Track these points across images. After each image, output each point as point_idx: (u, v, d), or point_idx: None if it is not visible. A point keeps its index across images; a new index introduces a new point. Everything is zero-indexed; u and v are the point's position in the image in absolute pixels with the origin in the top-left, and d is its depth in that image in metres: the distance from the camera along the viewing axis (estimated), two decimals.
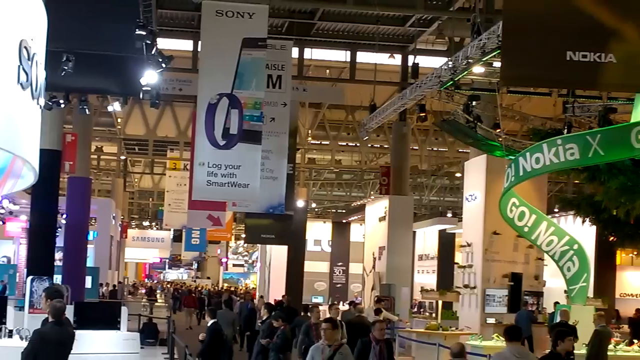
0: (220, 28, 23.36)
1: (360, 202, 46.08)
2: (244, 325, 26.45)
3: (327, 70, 36.85)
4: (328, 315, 17.94)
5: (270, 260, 48.64)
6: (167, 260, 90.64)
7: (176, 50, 31.52)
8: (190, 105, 33.53)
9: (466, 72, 21.50)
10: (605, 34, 11.33)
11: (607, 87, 18.89)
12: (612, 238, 29.37)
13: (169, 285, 74.17)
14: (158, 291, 66.43)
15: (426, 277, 40.93)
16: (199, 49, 25.06)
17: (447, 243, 39.63)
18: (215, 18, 23.55)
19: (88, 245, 37.40)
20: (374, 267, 37.28)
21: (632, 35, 11.47)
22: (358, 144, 47.95)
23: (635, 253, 32.30)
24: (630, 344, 21.87)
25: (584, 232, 28.97)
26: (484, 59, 20.04)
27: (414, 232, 39.66)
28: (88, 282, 34.25)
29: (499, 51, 15.91)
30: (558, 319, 20.46)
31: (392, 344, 13.95)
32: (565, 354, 10.91)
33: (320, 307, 22.33)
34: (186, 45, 32.16)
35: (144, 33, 19.50)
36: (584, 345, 19.09)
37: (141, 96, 22.95)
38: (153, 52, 20.80)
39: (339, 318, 17.45)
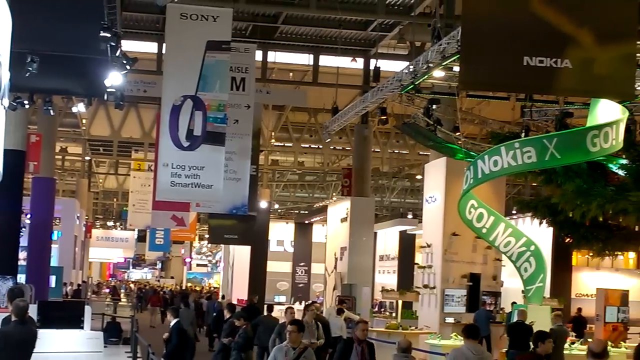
0: (184, 31, 23.25)
1: (322, 203, 46.20)
2: (213, 326, 26.44)
3: (291, 73, 36.86)
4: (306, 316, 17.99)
5: (234, 260, 48.67)
6: (131, 260, 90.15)
7: (141, 53, 31.36)
8: (155, 106, 33.42)
9: (426, 76, 21.57)
10: (562, 40, 11.40)
11: (563, 92, 19.05)
12: (568, 239, 29.54)
13: (132, 285, 73.79)
14: (122, 290, 66.01)
15: (387, 277, 40.97)
16: (164, 52, 24.93)
17: (407, 244, 39.73)
18: (179, 21, 23.43)
19: (52, 245, 37.14)
20: (335, 267, 37.30)
21: (588, 42, 11.55)
22: (320, 146, 48.00)
23: (591, 254, 32.51)
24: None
25: (541, 234, 29.15)
26: (443, 64, 20.11)
27: (375, 233, 39.74)
28: (52, 281, 34.03)
29: (458, 56, 15.96)
30: (515, 319, 20.56)
31: (373, 344, 13.24)
32: (545, 356, 10.95)
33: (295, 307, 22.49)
34: (151, 47, 32.02)
35: (109, 35, 19.35)
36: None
37: (105, 97, 22.77)
38: (117, 54, 20.66)
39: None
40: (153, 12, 28.26)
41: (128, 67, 21.95)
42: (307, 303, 24.29)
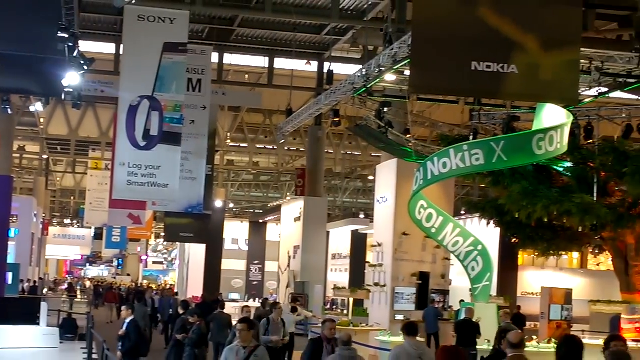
0: (142, 32, 23.13)
1: (276, 203, 46.29)
2: (169, 324, 26.37)
3: (246, 75, 36.79)
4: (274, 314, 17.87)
5: (189, 258, 48.51)
6: (88, 258, 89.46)
7: (98, 53, 31.14)
8: (112, 106, 33.09)
9: (378, 79, 21.63)
10: (508, 46, 11.49)
11: (509, 97, 19.18)
12: (514, 239, 29.79)
13: (88, 282, 73.26)
14: (78, 287, 65.47)
15: (339, 275, 41.01)
16: (121, 53, 24.76)
17: (359, 243, 39.79)
18: (137, 23, 23.31)
19: (9, 242, 36.71)
20: (289, 265, 37.36)
21: (533, 48, 11.66)
22: (275, 147, 47.95)
23: (536, 254, 32.80)
24: None
25: (488, 234, 29.30)
26: (395, 68, 20.17)
27: (328, 232, 39.79)
28: (9, 278, 33.61)
29: (409, 60, 16.00)
30: (463, 316, 20.70)
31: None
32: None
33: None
34: (109, 48, 31.81)
35: (66, 35, 19.24)
36: (487, 341, 19.34)
37: (63, 97, 22.67)
38: (75, 55, 20.52)
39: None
40: (111, 14, 28.11)
41: (86, 67, 21.87)
42: (273, 302, 24.16)
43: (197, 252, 44.42)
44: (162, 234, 63.01)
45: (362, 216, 42.25)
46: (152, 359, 19.77)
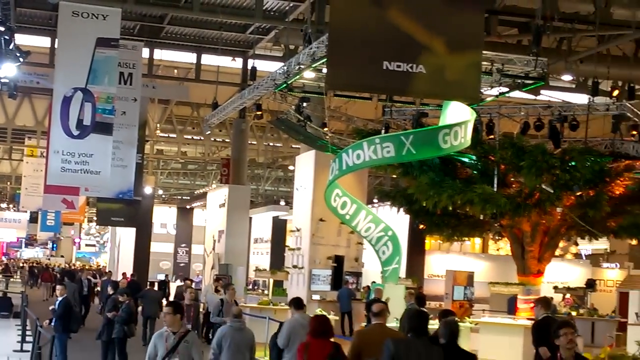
0: (75, 27, 22.96)
1: (202, 190, 45.98)
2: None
3: (175, 70, 36.46)
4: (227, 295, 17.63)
5: (120, 241, 48.08)
6: (23, 240, 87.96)
7: (34, 47, 30.51)
8: (47, 97, 32.45)
9: (298, 76, 21.62)
10: (417, 48, 11.53)
11: (417, 94, 19.31)
12: (422, 226, 30.08)
13: (23, 263, 72.03)
14: (14, 268, 64.34)
15: (260, 258, 40.97)
16: (56, 46, 24.33)
17: (279, 228, 39.82)
18: (71, 18, 23.11)
19: None
20: (214, 248, 37.19)
21: (440, 50, 11.72)
22: (202, 138, 47.71)
23: (441, 240, 33.18)
24: None
25: (398, 221, 29.54)
26: (313, 66, 20.19)
27: (251, 218, 39.68)
28: None
29: (326, 59, 16.00)
30: (372, 296, 20.82)
31: None
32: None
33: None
34: (44, 42, 31.12)
35: (2, 29, 18.92)
36: (395, 319, 19.45)
37: None
38: (11, 47, 20.23)
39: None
40: (46, 9, 27.48)
41: (21, 59, 21.59)
42: (226, 283, 23.81)
43: (127, 235, 44.05)
44: (95, 218, 62.10)
45: (282, 203, 42.34)
46: (88, 335, 19.58)
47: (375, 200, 34.57)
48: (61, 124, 22.33)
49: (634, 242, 30.55)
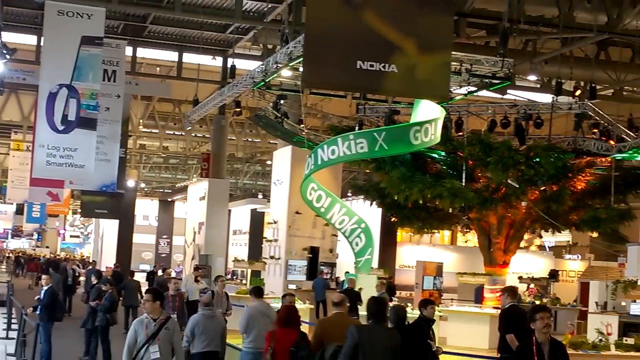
0: (61, 26, 22.93)
1: (183, 183, 45.89)
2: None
3: (157, 68, 36.26)
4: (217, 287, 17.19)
5: (103, 232, 47.98)
6: (9, 231, 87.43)
7: (21, 44, 30.29)
8: (34, 93, 32.15)
9: (275, 75, 21.59)
10: (389, 48, 11.55)
11: (390, 93, 19.40)
12: (393, 219, 30.17)
13: (9, 254, 71.53)
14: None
15: (239, 249, 40.98)
16: (42, 44, 24.19)
17: (257, 220, 39.87)
18: (56, 17, 23.05)
19: None
20: (194, 239, 37.10)
21: (411, 51, 11.75)
22: (183, 133, 47.59)
23: (412, 232, 33.29)
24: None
25: (371, 214, 29.62)
26: (290, 65, 20.16)
27: (230, 211, 39.65)
28: None
29: (302, 58, 15.99)
30: (346, 286, 20.85)
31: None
32: (430, 319, 11.11)
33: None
34: (30, 39, 30.85)
35: None
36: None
37: None
38: None
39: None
40: (32, 8, 27.27)
41: (8, 56, 21.44)
42: (217, 275, 23.55)
43: (110, 227, 43.98)
44: (79, 210, 61.67)
45: (260, 196, 42.35)
46: (73, 323, 19.50)
47: (349, 194, 34.63)
48: (47, 119, 22.34)
49: (595, 234, 30.79)
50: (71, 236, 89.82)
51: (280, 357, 9.31)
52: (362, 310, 19.71)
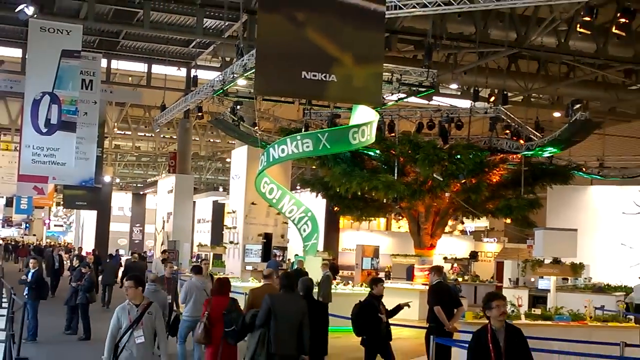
0: (43, 41, 22.74)
1: (154, 178, 45.53)
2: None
3: (129, 78, 35.82)
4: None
5: (83, 222, 47.48)
6: (0, 221, 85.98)
7: (7, 56, 29.78)
8: (20, 100, 31.61)
9: (232, 83, 21.49)
10: (329, 60, 11.49)
11: (331, 99, 19.37)
12: (336, 208, 30.24)
13: (2, 241, 70.26)
14: None
15: (203, 235, 40.59)
16: (27, 56, 23.82)
17: (218, 210, 39.52)
18: (39, 33, 22.84)
19: None
20: (163, 227, 36.82)
21: (348, 63, 11.70)
22: (153, 135, 47.27)
23: (352, 219, 33.44)
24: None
25: (316, 204, 29.62)
26: (245, 75, 20.08)
27: (194, 202, 39.36)
28: None
29: (254, 69, 15.92)
30: (296, 267, 20.81)
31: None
32: (379, 296, 11.11)
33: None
34: (16, 52, 30.25)
35: None
36: (316, 284, 19.46)
37: None
38: None
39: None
40: (18, 24, 26.63)
41: None
42: (201, 259, 23.14)
43: (89, 217, 43.62)
44: (62, 202, 60.81)
45: (221, 190, 42.11)
46: (58, 302, 19.21)
47: (297, 187, 34.58)
48: (31, 123, 22.32)
49: (508, 220, 31.18)
50: (55, 225, 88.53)
51: (215, 320, 9.60)
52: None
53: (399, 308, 11.09)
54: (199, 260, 32.14)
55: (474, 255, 32.77)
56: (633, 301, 20.11)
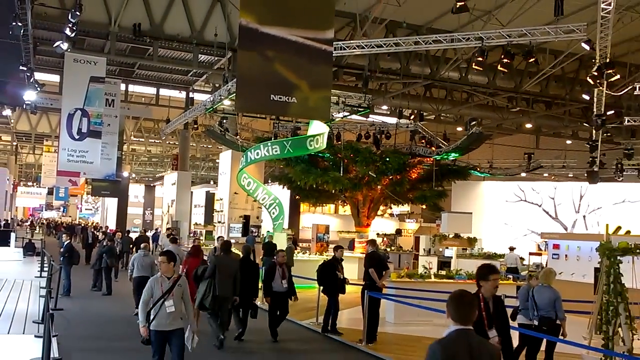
0: (76, 69, 22.79)
1: (161, 174, 44.89)
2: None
3: (143, 98, 35.32)
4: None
5: (107, 206, 46.68)
6: (43, 206, 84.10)
7: (48, 81, 29.04)
8: (58, 114, 30.99)
9: (220, 103, 21.36)
10: (291, 86, 11.49)
11: (293, 116, 19.41)
12: (297, 197, 30.21)
13: (44, 221, 68.80)
14: (36, 224, 61.39)
15: (198, 217, 39.99)
16: (63, 81, 23.40)
17: (210, 198, 39.09)
18: (72, 63, 22.74)
19: None
20: (168, 211, 36.40)
21: (305, 88, 11.70)
22: (160, 141, 46.58)
23: (310, 205, 33.45)
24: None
25: (283, 194, 29.52)
26: (229, 97, 19.97)
27: (192, 192, 38.93)
28: None
29: (235, 93, 15.85)
30: (266, 240, 20.75)
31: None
32: (340, 259, 11.41)
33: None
34: (55, 78, 29.56)
35: (25, 69, 18.06)
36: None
37: (24, 107, 21.49)
38: (31, 80, 19.32)
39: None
40: (56, 56, 26.06)
41: (39, 88, 20.91)
42: (196, 237, 22.62)
43: (112, 202, 42.90)
44: (91, 191, 59.74)
45: (212, 183, 41.62)
46: (88, 268, 18.88)
47: (269, 181, 34.41)
48: (67, 131, 22.51)
49: (424, 207, 31.49)
50: (86, 209, 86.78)
51: (189, 275, 9.89)
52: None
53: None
54: (194, 236, 32.01)
55: (398, 232, 32.98)
56: (507, 264, 20.47)
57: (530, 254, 22.27)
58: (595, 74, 16.05)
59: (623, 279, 6.67)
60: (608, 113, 20.11)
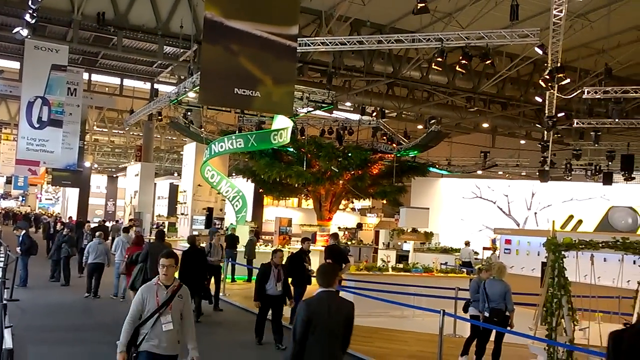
0: (37, 56, 22.23)
1: (124, 165, 44.18)
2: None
3: (106, 88, 34.61)
4: (214, 239, 14.81)
5: (68, 197, 45.68)
6: (1, 195, 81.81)
7: (8, 67, 28.27)
8: (17, 101, 30.14)
9: (184, 95, 21.13)
10: (255, 80, 11.45)
11: (257, 110, 19.21)
12: (261, 190, 30.14)
13: (1, 211, 66.98)
14: None
15: (161, 208, 39.44)
16: (24, 68, 22.78)
17: (173, 190, 38.59)
18: (34, 50, 22.27)
19: None
20: (131, 202, 35.84)
21: (269, 83, 11.67)
22: (124, 132, 45.75)
23: (273, 198, 33.39)
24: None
25: (247, 186, 29.47)
26: (194, 89, 19.80)
27: (155, 184, 38.46)
28: None
29: (199, 85, 15.74)
30: (229, 233, 20.72)
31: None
32: (307, 250, 11.88)
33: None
34: (15, 64, 28.76)
35: None
36: (243, 246, 19.44)
37: None
38: None
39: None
40: (16, 43, 25.34)
41: None
42: (215, 230, 21.84)
43: (73, 193, 42.00)
44: (51, 181, 58.40)
45: (175, 175, 41.21)
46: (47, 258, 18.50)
47: (233, 174, 34.23)
48: (27, 120, 22.16)
49: (384, 201, 31.84)
50: (46, 199, 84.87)
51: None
52: (240, 248, 19.67)
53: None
54: (157, 227, 31.62)
55: (359, 226, 33.26)
56: (462, 259, 20.90)
57: (484, 248, 22.76)
58: (547, 77, 16.48)
59: (567, 273, 6.95)
60: (559, 115, 20.64)
